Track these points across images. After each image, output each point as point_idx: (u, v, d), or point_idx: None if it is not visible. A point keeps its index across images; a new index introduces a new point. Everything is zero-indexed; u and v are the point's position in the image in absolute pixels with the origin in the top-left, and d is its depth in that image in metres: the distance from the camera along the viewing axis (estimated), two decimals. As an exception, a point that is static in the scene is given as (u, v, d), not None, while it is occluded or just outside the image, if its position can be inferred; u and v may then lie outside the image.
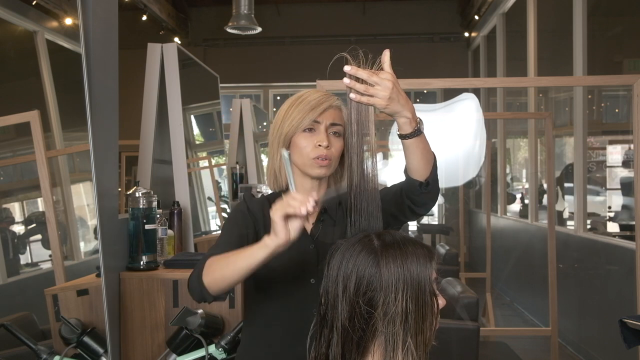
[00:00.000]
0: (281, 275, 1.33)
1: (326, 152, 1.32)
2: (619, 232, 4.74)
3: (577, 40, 4.62)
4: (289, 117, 1.35)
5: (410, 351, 0.95)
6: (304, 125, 1.33)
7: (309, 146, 1.33)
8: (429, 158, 1.27)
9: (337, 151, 1.34)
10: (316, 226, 1.37)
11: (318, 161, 1.32)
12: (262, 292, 1.37)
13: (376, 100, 1.14)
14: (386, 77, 1.13)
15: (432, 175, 1.29)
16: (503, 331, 4.43)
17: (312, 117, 1.32)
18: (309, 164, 1.34)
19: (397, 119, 1.20)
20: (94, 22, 1.90)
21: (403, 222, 1.40)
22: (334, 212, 1.38)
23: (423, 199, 1.31)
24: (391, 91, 1.14)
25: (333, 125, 1.34)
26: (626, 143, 5.38)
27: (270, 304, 1.36)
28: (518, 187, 7.63)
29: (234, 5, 5.33)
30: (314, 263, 1.33)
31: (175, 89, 2.60)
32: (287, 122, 1.35)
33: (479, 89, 7.11)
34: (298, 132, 1.34)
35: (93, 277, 2.05)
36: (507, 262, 6.40)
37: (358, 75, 1.14)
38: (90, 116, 1.87)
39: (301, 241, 1.31)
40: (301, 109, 1.34)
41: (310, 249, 1.35)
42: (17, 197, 2.71)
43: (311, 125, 1.33)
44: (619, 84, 3.98)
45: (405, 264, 0.97)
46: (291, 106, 1.36)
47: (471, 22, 8.46)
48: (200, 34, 9.12)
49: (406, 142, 1.22)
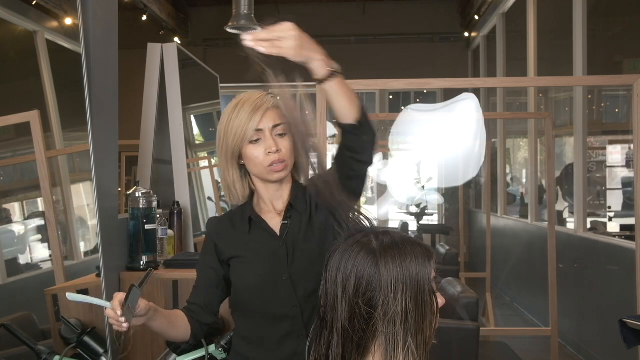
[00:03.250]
0: (256, 278, 1.37)
1: (278, 156, 1.33)
2: (619, 232, 4.73)
3: (577, 40, 4.62)
4: (230, 132, 1.34)
5: (411, 350, 0.95)
6: (248, 138, 1.33)
7: (260, 156, 1.34)
8: (353, 99, 1.27)
9: (288, 149, 1.35)
10: (284, 225, 1.39)
11: (273, 167, 1.34)
12: (239, 294, 1.40)
13: (287, 51, 1.16)
14: (287, 27, 1.17)
15: (361, 114, 1.28)
16: (503, 331, 4.43)
17: (253, 127, 1.32)
18: (266, 172, 1.35)
19: (312, 64, 1.22)
20: (94, 22, 1.90)
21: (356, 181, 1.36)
22: (301, 204, 1.40)
23: (361, 142, 1.30)
24: (297, 39, 1.17)
25: (276, 126, 1.34)
26: (626, 143, 5.38)
27: (248, 305, 1.39)
28: (517, 187, 7.64)
29: (234, 5, 5.31)
30: (284, 260, 1.36)
31: (175, 89, 2.60)
32: (230, 137, 1.34)
33: (479, 89, 7.10)
34: (245, 144, 1.34)
35: (93, 277, 2.05)
36: (507, 262, 6.40)
37: (260, 39, 1.16)
38: (90, 116, 1.87)
39: (270, 244, 1.37)
40: (240, 120, 1.33)
41: (279, 247, 1.37)
42: (17, 197, 2.71)
43: (256, 136, 1.33)
44: (619, 84, 3.98)
45: (404, 263, 0.97)
46: (229, 120, 1.35)
47: (471, 22, 8.46)
48: (200, 34, 9.12)
49: (326, 87, 1.24)
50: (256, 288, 1.36)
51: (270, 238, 1.38)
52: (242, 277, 1.38)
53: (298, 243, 1.36)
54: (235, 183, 1.40)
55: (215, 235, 1.43)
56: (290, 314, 1.35)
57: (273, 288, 1.35)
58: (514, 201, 7.35)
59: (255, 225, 1.39)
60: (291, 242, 1.37)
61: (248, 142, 1.33)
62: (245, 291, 1.38)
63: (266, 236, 1.38)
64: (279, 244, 1.37)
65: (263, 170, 1.35)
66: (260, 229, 1.39)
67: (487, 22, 7.80)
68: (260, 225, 1.39)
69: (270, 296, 1.35)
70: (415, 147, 7.57)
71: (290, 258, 1.35)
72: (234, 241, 1.40)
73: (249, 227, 1.39)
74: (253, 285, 1.36)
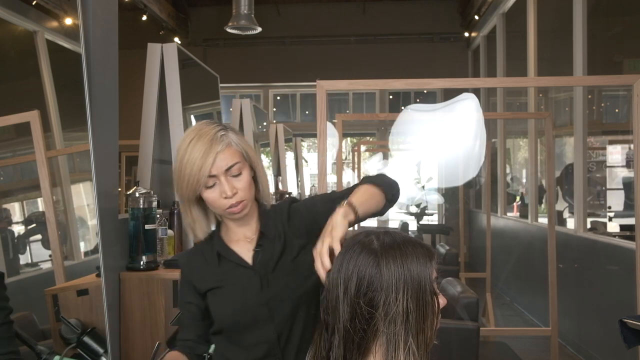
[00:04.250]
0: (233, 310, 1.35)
1: (234, 200, 1.31)
2: (619, 232, 4.73)
3: (577, 40, 4.62)
4: (184, 180, 1.30)
5: (412, 351, 0.95)
6: (202, 185, 1.30)
7: (217, 200, 1.31)
8: (377, 199, 1.36)
9: (245, 188, 1.33)
10: (255, 254, 1.37)
11: (231, 210, 1.32)
12: (217, 324, 1.38)
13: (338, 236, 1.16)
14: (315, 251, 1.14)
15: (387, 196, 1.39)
16: (503, 331, 4.43)
17: (205, 175, 1.28)
18: (226, 214, 1.34)
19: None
20: (94, 22, 1.90)
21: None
22: (271, 230, 1.38)
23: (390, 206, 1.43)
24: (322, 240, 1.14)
25: (229, 169, 1.31)
26: (626, 143, 5.38)
27: (225, 333, 1.38)
28: (518, 188, 7.64)
29: (234, 5, 5.33)
30: (258, 290, 1.34)
31: (175, 89, 2.60)
32: (184, 184, 1.31)
33: (479, 89, 7.10)
34: (200, 190, 1.31)
35: (93, 277, 2.05)
36: (507, 262, 6.41)
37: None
38: (90, 116, 1.87)
39: (242, 275, 1.35)
40: (192, 168, 1.29)
41: (252, 276, 1.35)
42: (17, 197, 2.71)
43: (210, 181, 1.30)
44: (619, 84, 3.98)
45: (406, 264, 0.97)
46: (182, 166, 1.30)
47: (471, 22, 8.47)
48: (200, 34, 9.13)
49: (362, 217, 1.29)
50: (232, 319, 1.35)
51: (242, 269, 1.36)
52: (218, 309, 1.36)
53: (271, 270, 1.35)
54: (196, 221, 1.38)
55: (189, 272, 1.41)
56: (267, 340, 1.34)
57: (250, 318, 1.33)
58: (514, 201, 7.35)
59: (224, 258, 1.37)
60: (264, 271, 1.34)
61: (204, 188, 1.31)
62: (222, 322, 1.36)
63: (237, 267, 1.36)
64: (251, 274, 1.35)
65: (222, 212, 1.34)
66: (230, 262, 1.37)
67: (487, 22, 7.80)
68: (229, 258, 1.37)
69: (247, 325, 1.34)
70: (415, 147, 7.57)
71: (264, 286, 1.34)
72: (208, 275, 1.38)
73: (218, 260, 1.37)
74: (229, 316, 1.35)
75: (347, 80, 2.38)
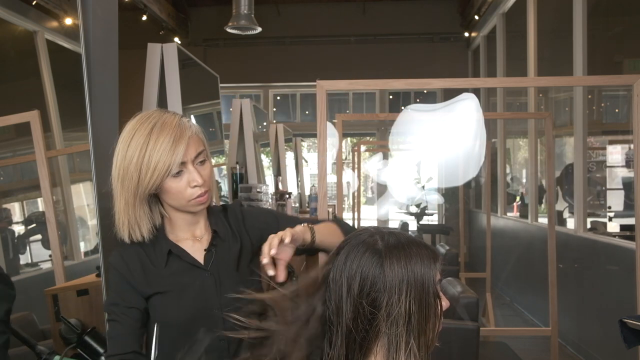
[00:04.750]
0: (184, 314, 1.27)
1: (203, 189, 1.25)
2: (619, 232, 4.73)
3: (577, 40, 4.62)
4: (147, 170, 1.20)
5: (413, 352, 0.95)
6: (171, 174, 1.21)
7: (183, 190, 1.24)
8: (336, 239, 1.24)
9: (209, 177, 1.27)
10: (208, 253, 1.29)
11: (198, 200, 1.25)
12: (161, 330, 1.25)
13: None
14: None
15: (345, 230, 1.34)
16: (503, 331, 4.43)
17: (177, 162, 1.20)
18: (188, 205, 1.26)
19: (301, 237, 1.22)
20: (94, 22, 1.89)
21: None
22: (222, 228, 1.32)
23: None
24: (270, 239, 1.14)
25: (197, 156, 1.24)
26: (626, 143, 5.38)
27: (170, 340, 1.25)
28: (518, 188, 7.64)
29: (234, 5, 5.33)
30: (212, 292, 1.27)
31: (175, 89, 2.59)
32: (147, 173, 1.20)
33: (479, 89, 7.10)
34: (164, 180, 1.22)
35: (93, 277, 2.05)
36: (507, 262, 6.40)
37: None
38: (90, 116, 1.86)
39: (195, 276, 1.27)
40: (160, 154, 1.19)
41: (206, 278, 1.27)
42: (17, 197, 2.70)
43: (179, 168, 1.22)
44: (619, 84, 3.98)
45: (409, 265, 0.96)
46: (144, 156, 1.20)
47: (471, 22, 8.47)
48: (200, 34, 9.12)
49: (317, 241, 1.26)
50: (183, 324, 1.25)
51: (195, 269, 1.28)
52: (166, 314, 1.26)
53: (225, 271, 1.28)
54: (141, 220, 1.26)
55: (128, 273, 1.27)
56: (217, 347, 1.25)
57: (202, 323, 1.24)
58: (514, 201, 7.35)
59: (174, 257, 1.28)
60: (217, 271, 1.27)
61: (171, 177, 1.22)
62: (168, 328, 1.24)
63: (190, 268, 1.28)
64: (205, 275, 1.27)
65: (185, 203, 1.25)
66: (181, 261, 1.28)
67: (487, 22, 7.80)
68: (181, 257, 1.28)
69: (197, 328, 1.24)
70: (415, 147, 7.56)
71: (218, 289, 1.26)
72: (152, 277, 1.27)
73: (166, 260, 1.27)
74: (180, 322, 1.25)
75: (347, 80, 2.38)
